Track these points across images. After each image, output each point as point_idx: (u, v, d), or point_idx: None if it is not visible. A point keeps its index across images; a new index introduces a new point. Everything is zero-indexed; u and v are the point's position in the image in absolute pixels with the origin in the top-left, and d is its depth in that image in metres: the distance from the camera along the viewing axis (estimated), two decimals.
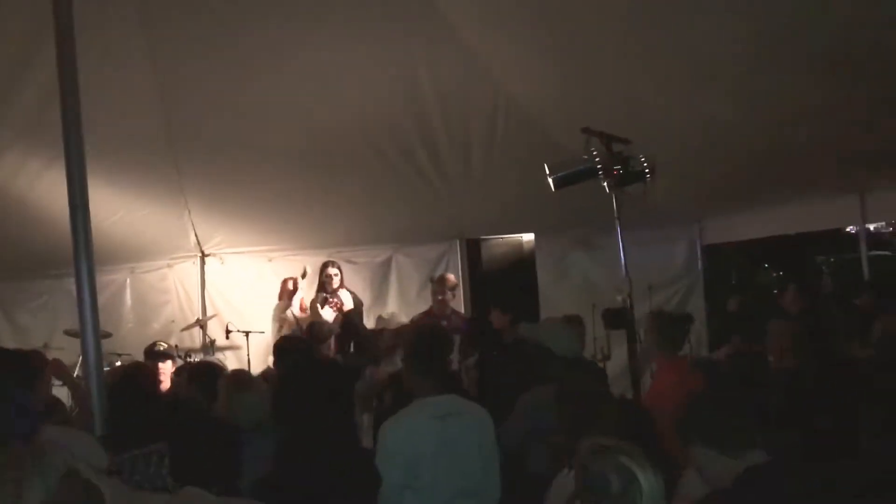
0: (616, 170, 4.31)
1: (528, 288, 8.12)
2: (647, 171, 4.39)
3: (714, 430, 2.44)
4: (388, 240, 8.28)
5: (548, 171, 4.56)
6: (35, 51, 5.12)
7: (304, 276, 7.91)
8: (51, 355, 5.13)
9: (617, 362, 6.68)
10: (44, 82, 5.11)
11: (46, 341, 6.83)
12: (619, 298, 4.33)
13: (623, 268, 4.34)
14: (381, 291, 8.37)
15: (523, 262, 8.58)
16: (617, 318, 4.45)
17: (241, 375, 3.46)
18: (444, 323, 6.91)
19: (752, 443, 2.42)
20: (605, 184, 4.39)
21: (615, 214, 4.40)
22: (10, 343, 7.10)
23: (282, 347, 5.10)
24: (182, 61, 5.75)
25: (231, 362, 7.60)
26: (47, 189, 6.11)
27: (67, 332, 6.52)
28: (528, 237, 8.58)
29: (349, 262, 8.08)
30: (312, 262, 8.18)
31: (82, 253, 3.32)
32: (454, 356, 5.74)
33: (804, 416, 3.84)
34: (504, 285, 8.29)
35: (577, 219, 7.19)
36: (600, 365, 6.61)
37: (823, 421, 3.81)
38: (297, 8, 5.25)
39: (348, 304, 7.53)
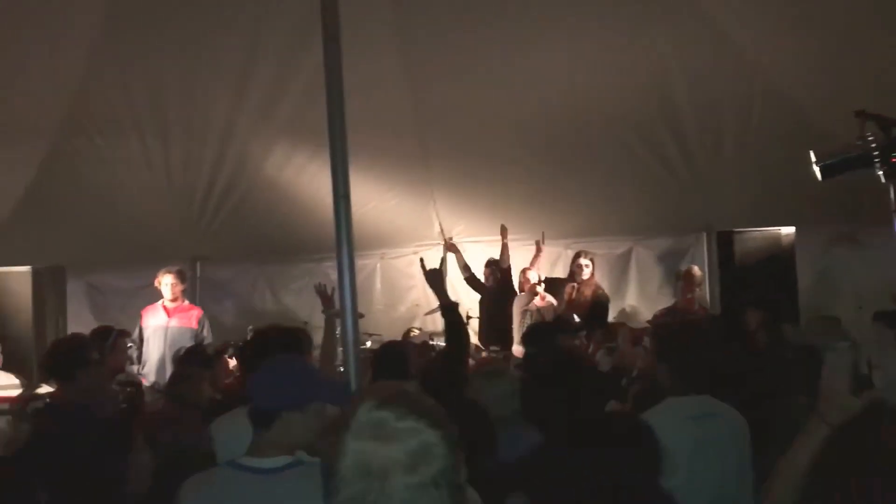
0: (895, 157, 3.87)
1: (786, 286, 7.50)
2: None
3: None
4: (627, 231, 8.04)
5: (814, 159, 4.15)
6: (297, 54, 5.56)
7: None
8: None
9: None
10: (307, 82, 5.53)
11: (307, 320, 7.35)
12: None
13: None
14: (620, 285, 8.13)
15: (781, 258, 7.92)
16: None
17: (494, 365, 3.45)
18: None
19: None
20: (881, 173, 3.96)
21: (892, 207, 3.96)
22: (277, 321, 7.80)
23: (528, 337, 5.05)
24: (431, 54, 5.96)
25: None
26: (309, 180, 6.63)
27: (325, 312, 6.96)
28: (788, 231, 7.92)
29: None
30: (549, 253, 8.15)
31: (344, 240, 3.49)
32: None
33: None
34: (759, 282, 7.71)
35: (841, 212, 6.56)
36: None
37: None
38: None
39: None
